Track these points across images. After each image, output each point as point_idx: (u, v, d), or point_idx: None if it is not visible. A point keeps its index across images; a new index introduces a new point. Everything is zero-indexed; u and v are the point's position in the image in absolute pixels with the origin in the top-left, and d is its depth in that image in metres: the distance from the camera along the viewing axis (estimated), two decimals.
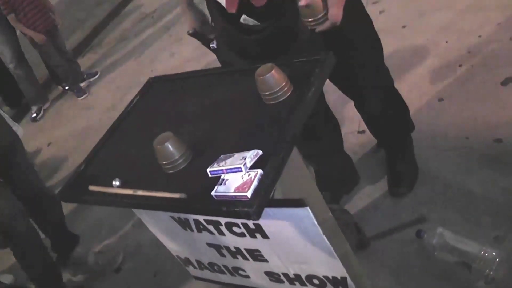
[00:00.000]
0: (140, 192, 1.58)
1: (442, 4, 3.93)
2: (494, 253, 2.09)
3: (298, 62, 1.67)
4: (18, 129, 4.08)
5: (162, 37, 6.46)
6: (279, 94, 1.55)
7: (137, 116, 2.00)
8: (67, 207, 3.53)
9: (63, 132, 5.59)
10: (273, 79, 1.54)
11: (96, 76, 6.39)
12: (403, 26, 3.93)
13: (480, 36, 3.40)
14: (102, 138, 1.95)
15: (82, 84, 6.23)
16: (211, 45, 2.02)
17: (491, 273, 2.07)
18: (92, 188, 1.71)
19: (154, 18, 7.21)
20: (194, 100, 1.86)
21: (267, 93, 1.56)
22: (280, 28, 1.91)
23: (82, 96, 6.14)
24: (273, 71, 1.53)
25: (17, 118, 6.21)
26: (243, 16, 1.90)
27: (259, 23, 1.92)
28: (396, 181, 2.71)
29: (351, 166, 2.83)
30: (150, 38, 6.69)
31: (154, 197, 1.53)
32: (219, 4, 1.89)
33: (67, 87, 6.29)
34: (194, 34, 2.02)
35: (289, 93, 1.56)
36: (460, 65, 3.26)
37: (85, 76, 6.33)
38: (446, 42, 3.53)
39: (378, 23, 3.99)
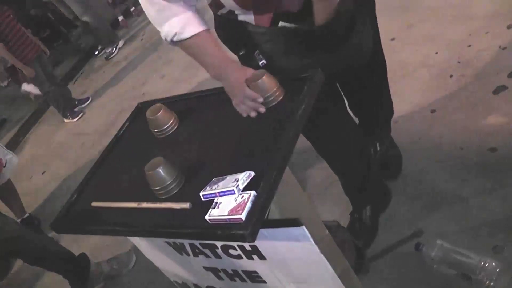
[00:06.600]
0: (144, 205, 1.57)
1: (430, 15, 3.94)
2: (494, 264, 2.07)
3: (287, 81, 1.66)
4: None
5: (152, 59, 6.47)
6: (271, 99, 1.61)
7: (127, 143, 2.00)
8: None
9: (57, 160, 5.56)
10: (265, 84, 1.60)
11: (88, 102, 6.37)
12: (392, 39, 3.94)
13: (469, 46, 3.41)
14: (93, 166, 1.94)
15: (75, 110, 6.23)
16: (260, 63, 1.89)
17: (492, 284, 2.05)
18: (95, 204, 1.72)
19: (144, 39, 7.24)
20: (183, 123, 1.86)
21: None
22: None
23: (77, 116, 6.13)
24: (264, 76, 1.59)
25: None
26: (281, 23, 1.84)
27: (297, 25, 1.86)
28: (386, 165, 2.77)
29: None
30: (140, 60, 6.69)
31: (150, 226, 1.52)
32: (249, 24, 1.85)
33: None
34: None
35: (281, 98, 1.61)
36: (451, 76, 3.27)
37: (76, 103, 6.32)
38: (436, 53, 3.54)
39: None
